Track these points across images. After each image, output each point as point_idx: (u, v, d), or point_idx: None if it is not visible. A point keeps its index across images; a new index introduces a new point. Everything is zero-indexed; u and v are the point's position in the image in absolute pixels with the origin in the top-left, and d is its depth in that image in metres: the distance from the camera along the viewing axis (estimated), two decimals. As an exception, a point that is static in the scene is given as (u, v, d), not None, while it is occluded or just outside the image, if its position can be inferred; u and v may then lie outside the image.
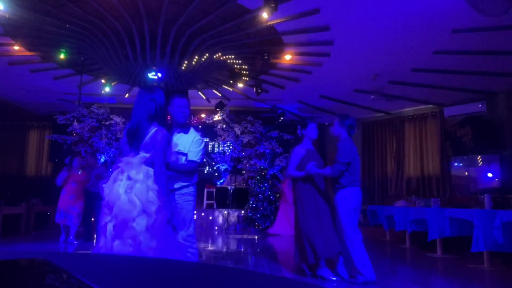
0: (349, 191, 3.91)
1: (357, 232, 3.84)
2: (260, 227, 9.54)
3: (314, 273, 4.09)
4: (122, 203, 2.37)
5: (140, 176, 2.44)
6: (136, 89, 9.38)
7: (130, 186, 2.41)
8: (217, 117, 10.51)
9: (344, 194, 3.91)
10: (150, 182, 2.46)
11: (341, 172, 3.89)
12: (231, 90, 9.69)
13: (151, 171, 2.50)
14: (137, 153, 2.54)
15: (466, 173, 9.90)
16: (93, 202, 6.99)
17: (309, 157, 4.14)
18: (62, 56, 7.09)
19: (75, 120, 9.43)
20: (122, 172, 2.46)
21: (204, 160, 10.44)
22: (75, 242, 6.65)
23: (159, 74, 6.98)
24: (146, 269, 0.97)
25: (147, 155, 2.51)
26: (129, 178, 2.44)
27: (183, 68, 7.27)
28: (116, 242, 2.31)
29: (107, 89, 8.72)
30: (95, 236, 7.07)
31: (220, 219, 10.09)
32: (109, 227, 2.36)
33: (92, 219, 7.16)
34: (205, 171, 11.59)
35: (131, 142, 2.59)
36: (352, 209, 3.88)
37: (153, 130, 2.57)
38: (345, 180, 3.91)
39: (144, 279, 0.85)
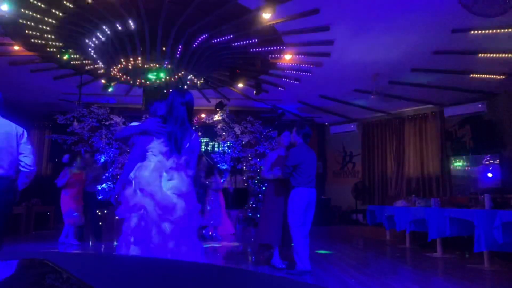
0: (297, 191, 4.40)
1: (299, 229, 4.33)
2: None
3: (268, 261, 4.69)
4: (179, 205, 2.45)
5: (185, 179, 2.57)
6: (136, 89, 9.38)
7: (175, 187, 2.50)
8: (217, 117, 10.50)
9: (292, 194, 4.41)
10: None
11: (288, 174, 4.43)
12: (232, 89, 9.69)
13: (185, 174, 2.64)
14: (179, 156, 2.59)
15: (466, 173, 9.90)
16: (89, 202, 6.96)
17: (279, 162, 4.71)
18: (65, 57, 7.08)
19: (75, 120, 9.44)
20: (166, 173, 2.52)
21: None
22: (74, 244, 6.54)
23: (161, 75, 6.97)
24: (146, 269, 0.97)
25: (185, 157, 2.63)
26: (171, 179, 2.52)
27: (183, 68, 7.26)
28: (171, 243, 2.40)
29: (109, 90, 8.67)
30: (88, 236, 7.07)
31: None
32: (166, 227, 2.40)
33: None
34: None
35: (173, 146, 2.61)
36: (297, 207, 4.34)
37: (193, 136, 2.71)
38: (294, 181, 4.43)
39: (144, 279, 0.85)
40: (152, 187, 2.44)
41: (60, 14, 6.14)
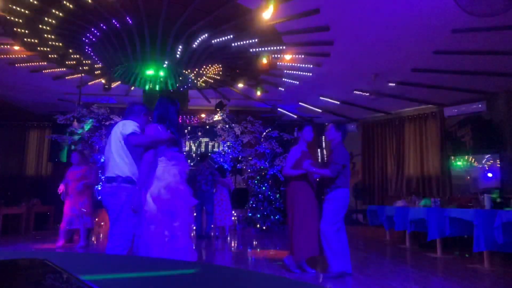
0: (343, 192, 4.28)
1: (336, 230, 4.21)
2: (260, 227, 9.54)
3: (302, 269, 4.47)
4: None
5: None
6: (136, 89, 9.37)
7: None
8: (217, 117, 10.50)
9: (338, 194, 4.26)
10: None
11: (338, 173, 4.24)
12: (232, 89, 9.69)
13: None
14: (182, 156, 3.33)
15: (466, 173, 9.90)
16: None
17: (304, 158, 4.49)
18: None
19: (75, 120, 9.43)
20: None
21: None
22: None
23: (161, 73, 6.98)
24: (146, 269, 0.97)
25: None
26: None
27: (182, 68, 7.26)
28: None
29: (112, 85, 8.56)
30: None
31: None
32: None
33: None
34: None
35: (180, 150, 3.23)
36: (341, 207, 4.26)
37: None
38: (340, 181, 4.28)
39: (144, 279, 0.85)
40: (180, 186, 3.07)
41: (60, 14, 6.14)
